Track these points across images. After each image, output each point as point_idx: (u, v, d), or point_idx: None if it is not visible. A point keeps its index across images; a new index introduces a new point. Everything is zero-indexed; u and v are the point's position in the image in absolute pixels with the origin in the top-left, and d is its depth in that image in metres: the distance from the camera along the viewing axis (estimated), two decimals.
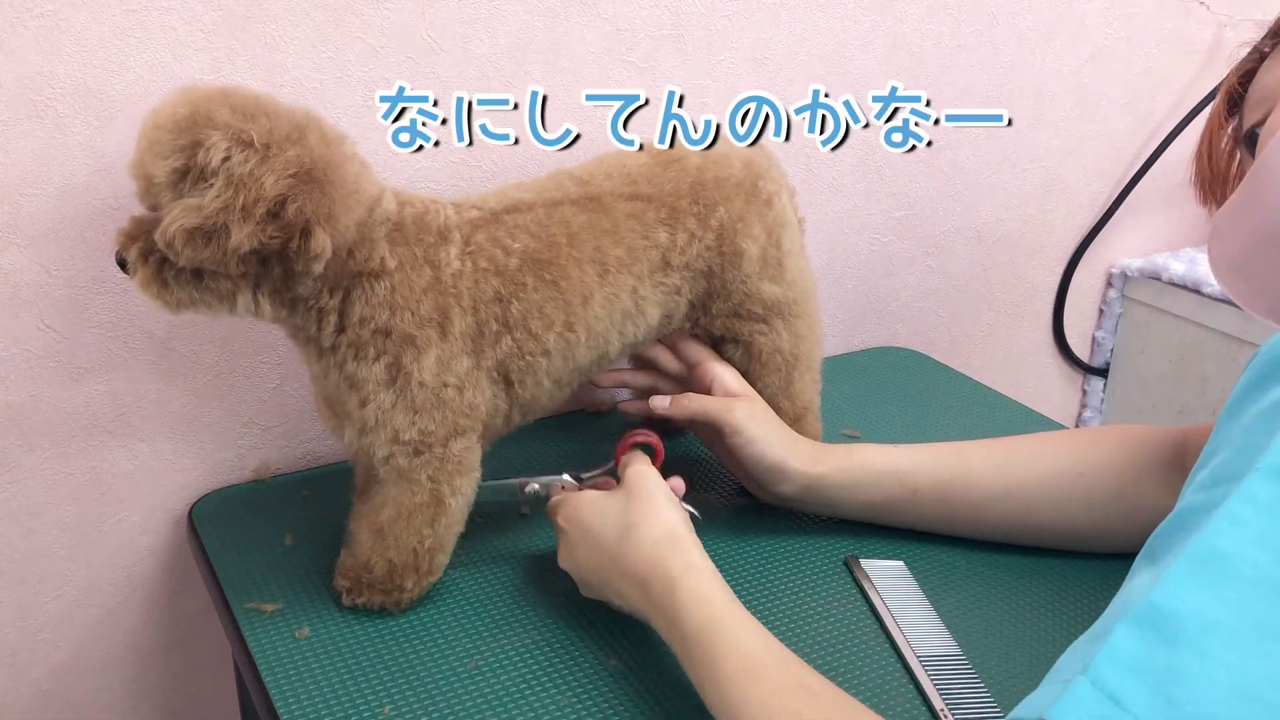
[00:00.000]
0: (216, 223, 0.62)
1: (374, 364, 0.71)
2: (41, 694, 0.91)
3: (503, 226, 0.74)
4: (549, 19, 0.92)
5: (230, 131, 0.62)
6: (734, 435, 0.81)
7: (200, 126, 0.63)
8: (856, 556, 0.82)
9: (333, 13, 0.83)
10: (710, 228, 0.81)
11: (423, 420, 0.72)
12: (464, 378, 0.72)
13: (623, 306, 0.78)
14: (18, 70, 0.74)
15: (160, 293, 0.67)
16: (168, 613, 0.94)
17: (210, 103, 0.64)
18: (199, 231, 0.62)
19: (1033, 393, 1.44)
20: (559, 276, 0.74)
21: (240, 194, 0.61)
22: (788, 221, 0.86)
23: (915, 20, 1.11)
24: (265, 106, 0.65)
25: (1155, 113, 1.35)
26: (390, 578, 0.74)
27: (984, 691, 0.69)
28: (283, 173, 0.62)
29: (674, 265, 0.80)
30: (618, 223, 0.78)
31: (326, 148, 0.65)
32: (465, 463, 0.74)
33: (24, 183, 0.77)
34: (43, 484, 0.85)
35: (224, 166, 0.62)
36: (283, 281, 0.67)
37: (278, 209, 0.62)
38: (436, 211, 0.73)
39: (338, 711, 0.67)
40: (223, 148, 0.62)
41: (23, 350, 0.81)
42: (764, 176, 0.84)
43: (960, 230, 1.27)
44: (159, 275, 0.66)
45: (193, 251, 0.63)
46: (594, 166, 0.81)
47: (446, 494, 0.74)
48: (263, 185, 0.61)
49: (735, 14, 1.00)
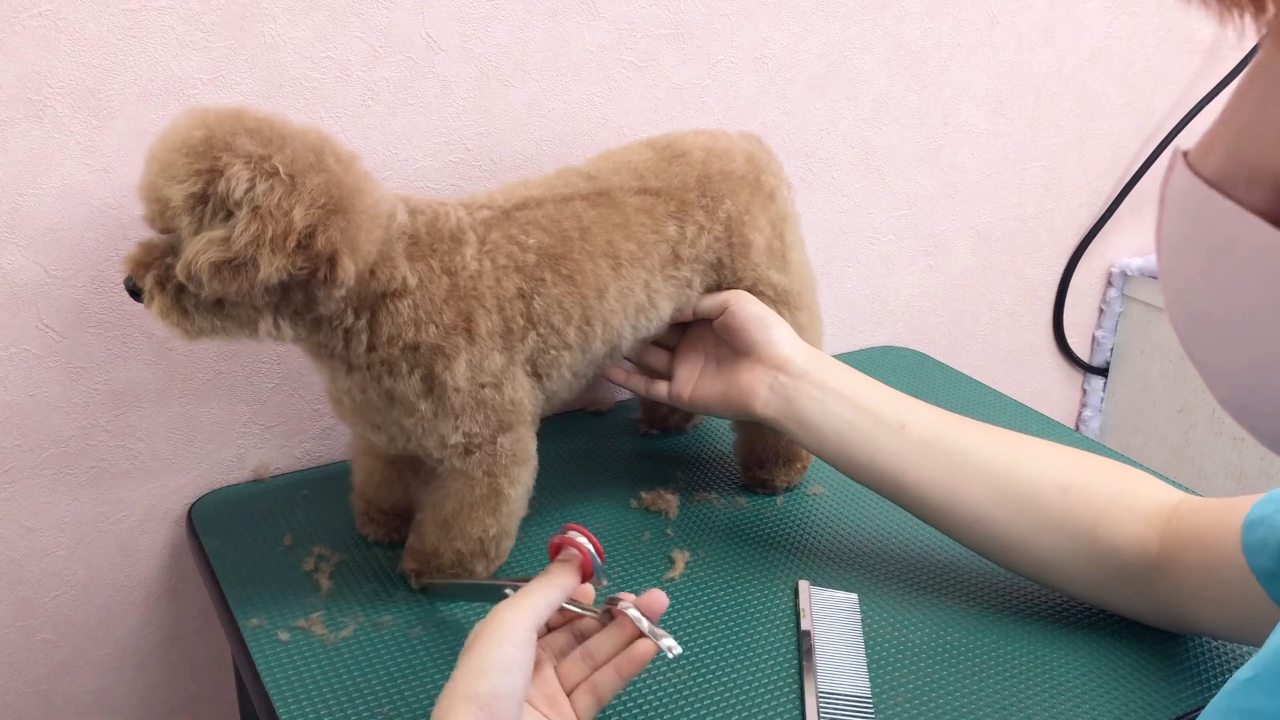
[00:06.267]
0: (245, 256, 0.61)
1: (409, 378, 0.71)
2: (41, 694, 0.91)
3: (515, 223, 0.74)
4: (549, 19, 0.92)
5: (252, 160, 0.61)
6: (742, 304, 0.81)
7: (218, 151, 0.61)
8: (810, 583, 0.80)
9: (333, 13, 0.83)
10: (718, 220, 0.82)
11: (465, 423, 0.73)
12: (499, 375, 0.73)
13: (636, 300, 0.79)
14: (16, 70, 0.74)
15: (180, 321, 0.66)
16: (167, 613, 0.94)
17: (226, 127, 0.62)
18: (227, 265, 0.61)
19: (1032, 392, 1.44)
20: (574, 271, 0.75)
21: (269, 226, 0.60)
22: (789, 215, 0.87)
23: (915, 20, 1.11)
24: (281, 130, 0.64)
25: (1155, 112, 1.35)
26: (460, 564, 0.77)
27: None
28: (311, 204, 0.61)
29: (684, 258, 0.81)
30: (628, 217, 0.78)
31: (345, 172, 0.65)
32: (519, 453, 0.76)
33: (23, 183, 0.77)
34: (42, 484, 0.85)
35: (248, 197, 0.61)
36: (304, 305, 0.66)
37: (307, 240, 0.61)
38: (446, 215, 0.72)
39: (337, 712, 0.67)
40: (246, 178, 0.61)
41: (22, 350, 0.81)
42: (765, 171, 0.85)
43: (960, 230, 1.27)
44: (178, 304, 0.65)
45: (220, 285, 0.62)
46: (600, 162, 0.81)
47: (505, 485, 0.75)
48: (291, 217, 0.61)
49: (735, 13, 1.00)
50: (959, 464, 0.75)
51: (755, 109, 1.05)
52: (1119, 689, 0.71)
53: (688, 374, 0.85)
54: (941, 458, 0.75)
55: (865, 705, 0.69)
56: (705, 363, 0.85)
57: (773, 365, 0.80)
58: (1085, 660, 0.73)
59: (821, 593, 0.79)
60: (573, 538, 0.63)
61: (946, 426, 0.77)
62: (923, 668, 0.73)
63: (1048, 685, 0.71)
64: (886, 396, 0.79)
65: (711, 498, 0.91)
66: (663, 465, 0.96)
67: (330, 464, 0.96)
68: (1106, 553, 0.72)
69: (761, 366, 0.80)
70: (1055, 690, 0.71)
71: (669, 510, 0.88)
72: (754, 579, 0.81)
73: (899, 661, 0.73)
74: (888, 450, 0.76)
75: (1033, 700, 0.70)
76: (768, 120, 1.07)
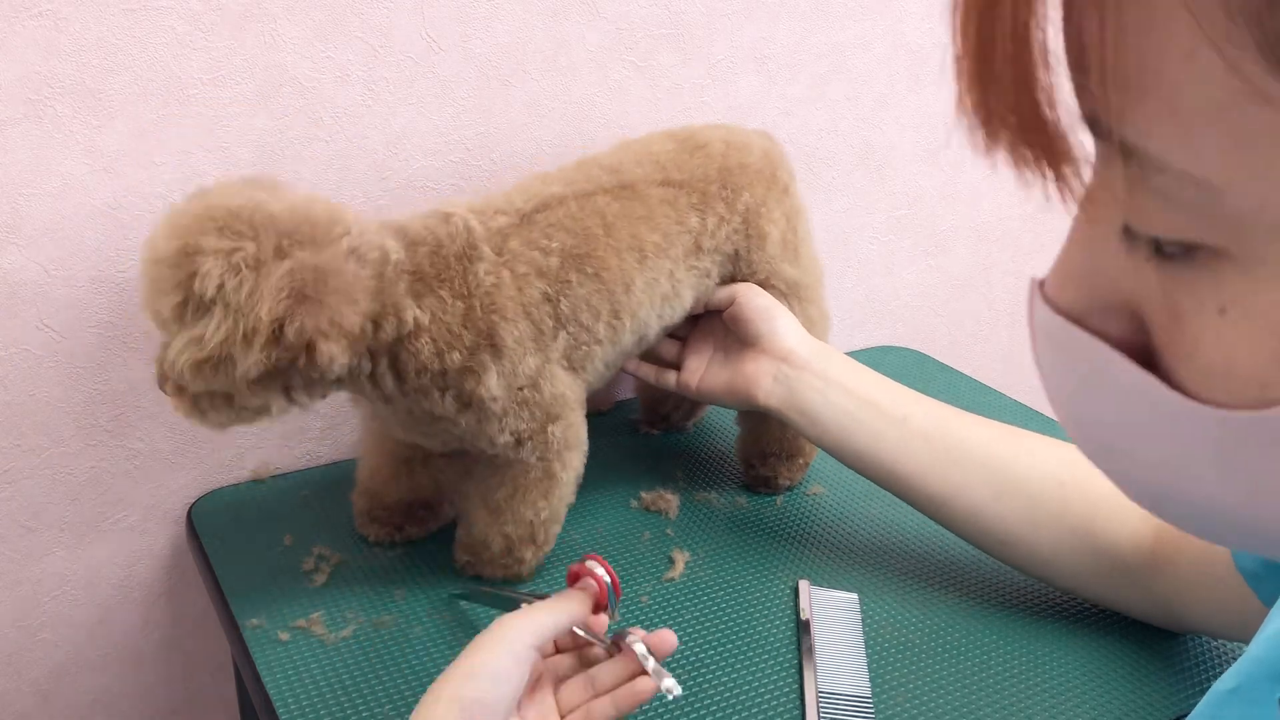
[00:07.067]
0: (221, 353, 0.62)
1: (444, 401, 0.72)
2: (41, 694, 0.91)
3: (536, 228, 0.74)
4: (549, 19, 0.92)
5: (220, 255, 0.62)
6: (750, 296, 0.82)
7: (191, 254, 0.62)
8: (810, 582, 0.80)
9: (333, 13, 0.83)
10: (737, 211, 0.83)
11: (511, 423, 0.74)
12: (536, 376, 0.73)
13: (661, 290, 0.79)
14: (16, 70, 0.74)
15: (201, 420, 0.68)
16: (167, 612, 0.94)
17: (195, 228, 0.63)
18: (206, 363, 0.62)
19: (1033, 392, 1.44)
20: (600, 268, 0.75)
21: (240, 323, 0.61)
22: (800, 209, 0.89)
23: (915, 20, 1.11)
24: (251, 219, 0.63)
25: None
26: (509, 551, 0.78)
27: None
28: (277, 296, 0.61)
29: (705, 249, 0.82)
30: (652, 209, 0.79)
31: (317, 252, 0.64)
32: (570, 438, 0.77)
33: (23, 182, 0.77)
34: (42, 484, 0.85)
35: (220, 294, 0.62)
36: (308, 380, 0.67)
37: (278, 332, 0.62)
38: (452, 236, 0.71)
39: (337, 712, 0.67)
40: (216, 275, 0.61)
41: (22, 350, 0.81)
42: (779, 165, 0.87)
43: (960, 229, 1.27)
44: (196, 406, 0.67)
45: (204, 382, 0.63)
46: (621, 153, 0.82)
47: (558, 469, 0.77)
48: (259, 312, 0.61)
49: (735, 13, 1.00)
50: (959, 457, 0.75)
51: (755, 109, 1.05)
52: (1119, 688, 0.71)
53: (696, 364, 0.86)
54: (941, 451, 0.76)
55: (865, 705, 0.69)
56: (714, 353, 0.86)
57: (777, 356, 0.81)
58: (1085, 660, 0.73)
59: (822, 592, 0.79)
60: (591, 568, 0.64)
61: (947, 420, 0.77)
62: (923, 668, 0.73)
63: (1048, 685, 0.71)
64: (888, 389, 0.80)
65: (712, 497, 0.91)
66: (663, 465, 0.96)
67: (330, 464, 0.96)
68: (1104, 548, 0.72)
69: (766, 357, 0.81)
70: (1055, 690, 0.71)
71: (669, 510, 0.89)
72: (754, 579, 0.81)
73: (899, 661, 0.73)
74: (888, 442, 0.77)
75: (1033, 700, 0.70)
76: (768, 120, 1.07)
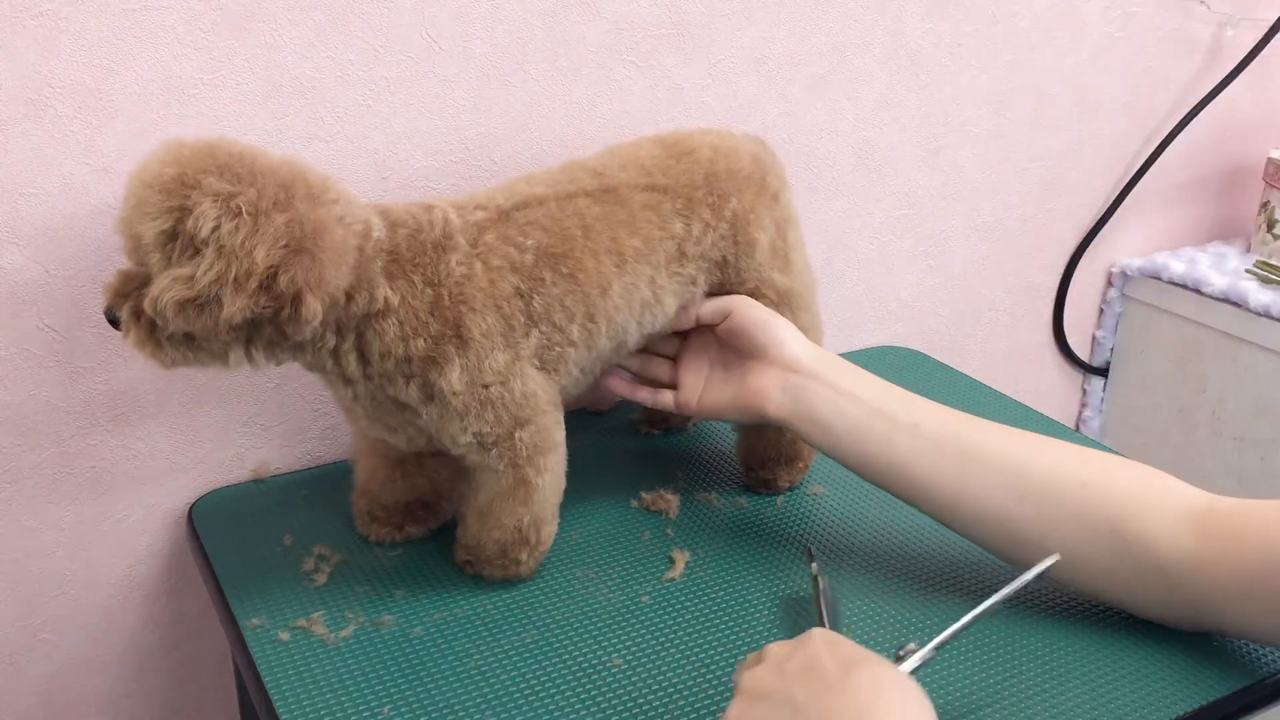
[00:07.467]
0: (209, 295, 0.62)
1: (407, 388, 0.72)
2: (41, 694, 0.91)
3: (514, 224, 0.74)
4: (549, 19, 0.92)
5: (219, 199, 0.62)
6: (745, 309, 0.81)
7: (189, 189, 0.62)
8: (821, 567, 0.80)
9: (333, 13, 0.83)
10: (724, 218, 0.82)
11: (473, 424, 0.73)
12: (505, 372, 0.73)
13: (641, 296, 0.79)
14: (16, 70, 0.74)
15: (155, 353, 0.67)
16: (167, 612, 0.94)
17: (198, 163, 0.63)
18: (191, 303, 0.62)
19: (1032, 392, 1.44)
20: (576, 269, 0.75)
21: (232, 266, 0.61)
22: (791, 217, 0.87)
23: (915, 20, 1.11)
24: (252, 166, 0.64)
25: (1155, 113, 1.35)
26: (503, 554, 0.77)
27: None
28: (274, 244, 0.62)
29: (690, 255, 0.81)
30: (634, 214, 0.78)
31: (314, 208, 0.65)
32: (542, 443, 0.76)
33: (23, 182, 0.77)
34: (42, 484, 0.85)
35: (214, 236, 0.62)
36: (276, 336, 0.67)
37: (270, 280, 0.62)
38: (431, 224, 0.72)
39: (337, 712, 0.67)
40: (212, 216, 0.61)
41: (22, 350, 0.81)
42: (770, 172, 0.86)
43: (960, 229, 1.27)
44: (152, 337, 0.66)
45: (184, 322, 0.63)
46: (607, 158, 0.82)
47: (531, 475, 0.75)
48: (254, 257, 0.61)
49: (735, 13, 1.00)
50: (974, 461, 0.75)
51: (755, 109, 1.05)
52: (1120, 688, 0.71)
53: (693, 382, 0.85)
54: (956, 455, 0.75)
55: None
56: (711, 369, 0.85)
57: (783, 367, 0.80)
58: (1086, 659, 0.73)
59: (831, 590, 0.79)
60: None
61: (960, 425, 0.77)
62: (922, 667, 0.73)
63: (1048, 684, 0.71)
64: (898, 396, 0.79)
65: (712, 498, 0.91)
66: (663, 465, 0.96)
67: (330, 464, 0.96)
68: (1134, 547, 0.71)
69: (772, 369, 0.80)
70: (1055, 689, 0.71)
71: (669, 510, 0.88)
72: (754, 579, 0.81)
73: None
74: (902, 449, 0.77)
75: (1033, 699, 0.70)
76: (768, 120, 1.07)
